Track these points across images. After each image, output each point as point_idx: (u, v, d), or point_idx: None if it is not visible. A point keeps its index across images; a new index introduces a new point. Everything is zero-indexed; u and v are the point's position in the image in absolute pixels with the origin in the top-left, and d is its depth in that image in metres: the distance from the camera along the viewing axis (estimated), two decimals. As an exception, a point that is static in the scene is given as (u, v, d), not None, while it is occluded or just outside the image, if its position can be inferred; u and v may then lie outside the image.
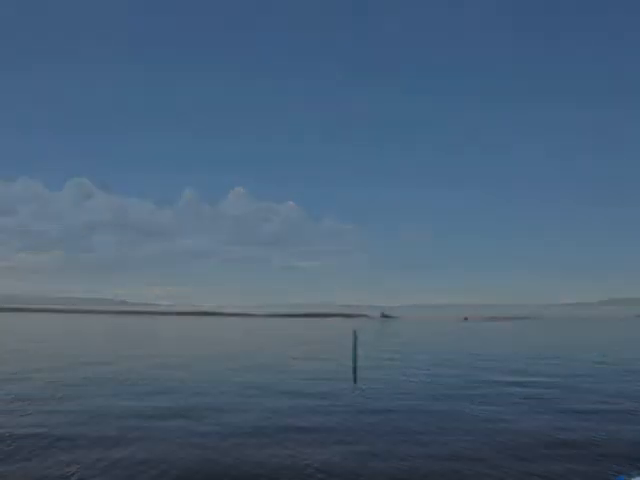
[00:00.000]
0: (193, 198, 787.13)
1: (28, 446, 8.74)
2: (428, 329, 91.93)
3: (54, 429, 9.90)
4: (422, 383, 16.93)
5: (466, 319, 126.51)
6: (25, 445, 8.79)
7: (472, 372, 19.83)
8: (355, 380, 17.61)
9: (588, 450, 8.66)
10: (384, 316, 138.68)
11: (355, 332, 22.60)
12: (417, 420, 10.96)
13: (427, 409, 12.20)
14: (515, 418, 11.15)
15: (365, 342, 33.42)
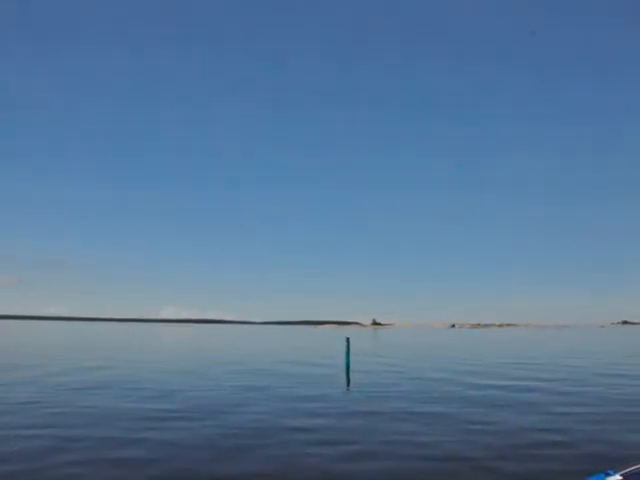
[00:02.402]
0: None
1: (33, 446, 8.58)
2: (417, 335, 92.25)
3: (58, 430, 9.75)
4: (412, 387, 16.82)
5: (453, 326, 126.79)
6: (29, 445, 8.63)
7: (460, 376, 19.76)
8: (348, 384, 17.56)
9: (572, 450, 8.60)
10: (375, 323, 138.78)
11: (348, 339, 22.67)
12: (408, 422, 10.87)
13: (417, 411, 12.12)
14: (502, 420, 11.08)
15: (357, 348, 33.35)
